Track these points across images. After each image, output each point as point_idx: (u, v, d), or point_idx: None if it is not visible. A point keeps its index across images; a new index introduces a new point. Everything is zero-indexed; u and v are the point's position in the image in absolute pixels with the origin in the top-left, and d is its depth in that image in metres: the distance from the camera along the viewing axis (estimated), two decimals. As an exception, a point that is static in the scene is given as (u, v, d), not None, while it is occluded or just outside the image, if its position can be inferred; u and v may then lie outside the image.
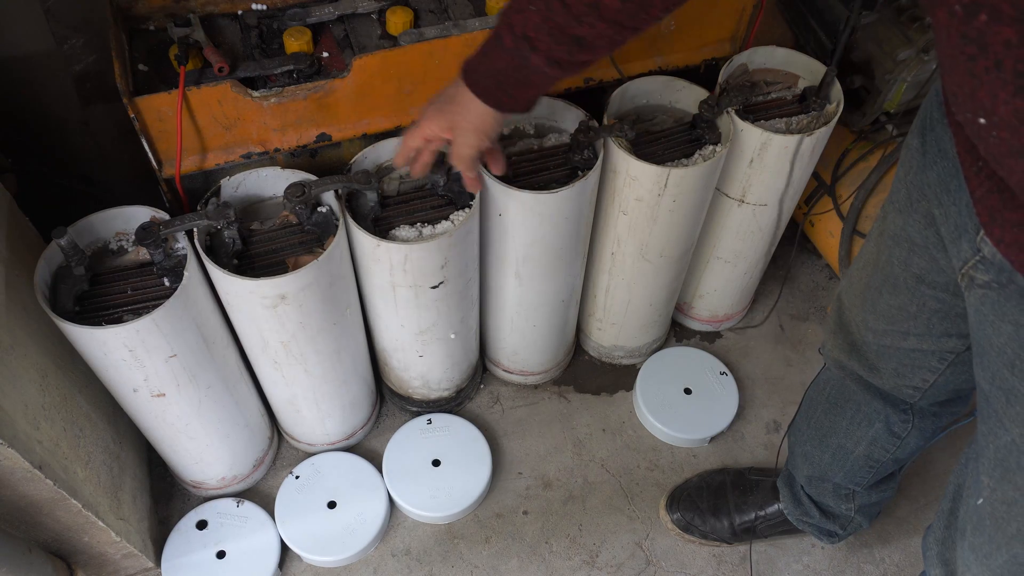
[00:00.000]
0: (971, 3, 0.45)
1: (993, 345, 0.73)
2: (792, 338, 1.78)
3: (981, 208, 0.68)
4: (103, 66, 1.33)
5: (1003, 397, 0.74)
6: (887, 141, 1.57)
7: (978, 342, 0.77)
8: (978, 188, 0.68)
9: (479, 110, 0.97)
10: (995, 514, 0.83)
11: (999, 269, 0.69)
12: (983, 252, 0.71)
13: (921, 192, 0.84)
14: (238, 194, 1.18)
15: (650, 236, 1.36)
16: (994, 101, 0.47)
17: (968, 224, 0.73)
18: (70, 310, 1.07)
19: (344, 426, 1.49)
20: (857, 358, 1.07)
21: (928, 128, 0.81)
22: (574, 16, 0.84)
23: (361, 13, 1.26)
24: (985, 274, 0.71)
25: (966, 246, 0.74)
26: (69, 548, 1.22)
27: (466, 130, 0.99)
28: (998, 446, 0.78)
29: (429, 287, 1.22)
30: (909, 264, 0.91)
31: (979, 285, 0.73)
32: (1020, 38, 0.43)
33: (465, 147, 1.00)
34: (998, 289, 0.70)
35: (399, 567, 1.44)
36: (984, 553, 0.86)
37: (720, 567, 1.47)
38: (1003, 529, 0.82)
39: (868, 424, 1.13)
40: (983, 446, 0.82)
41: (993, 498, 0.82)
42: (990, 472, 0.81)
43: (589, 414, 1.65)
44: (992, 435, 0.79)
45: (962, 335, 0.92)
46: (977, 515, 0.86)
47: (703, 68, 1.45)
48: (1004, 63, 0.45)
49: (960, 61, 0.48)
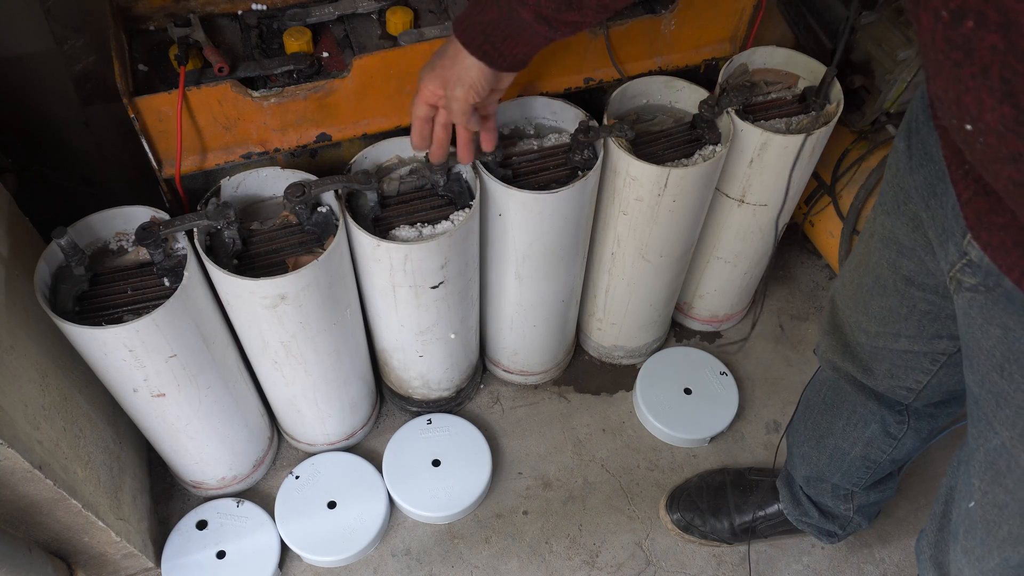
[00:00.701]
0: (958, 8, 0.44)
1: (982, 348, 0.73)
2: (792, 338, 1.78)
3: (968, 211, 0.68)
4: (103, 66, 1.33)
5: (993, 400, 0.74)
6: (887, 141, 1.57)
7: (967, 345, 0.77)
8: (964, 191, 0.68)
9: (468, 63, 0.96)
10: (986, 517, 0.83)
11: (986, 272, 0.69)
12: (970, 255, 0.70)
13: (907, 195, 0.83)
14: (238, 194, 1.18)
15: (650, 236, 1.36)
16: (980, 107, 0.46)
17: (955, 227, 0.73)
18: (70, 310, 1.07)
19: (344, 426, 1.49)
20: (851, 359, 1.07)
21: (914, 131, 0.81)
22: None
23: (361, 13, 1.26)
24: (972, 277, 0.71)
25: (953, 249, 0.74)
26: (69, 548, 1.22)
27: (456, 83, 0.98)
28: (988, 449, 0.78)
29: (429, 287, 1.22)
30: (898, 266, 0.90)
31: (967, 288, 0.72)
32: (1007, 44, 0.43)
33: (455, 100, 0.99)
34: (985, 292, 0.70)
35: (399, 567, 1.44)
36: (976, 556, 0.86)
37: (720, 567, 1.47)
38: (994, 532, 0.82)
39: (864, 425, 1.13)
40: (974, 449, 0.82)
41: (984, 501, 0.82)
42: (980, 475, 0.81)
43: (589, 414, 1.65)
44: (982, 438, 0.79)
45: (953, 337, 0.92)
46: (969, 518, 0.86)
47: (703, 68, 1.44)
48: (990, 70, 0.44)
49: (945, 67, 0.47)
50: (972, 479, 0.83)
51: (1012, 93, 0.44)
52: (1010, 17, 0.42)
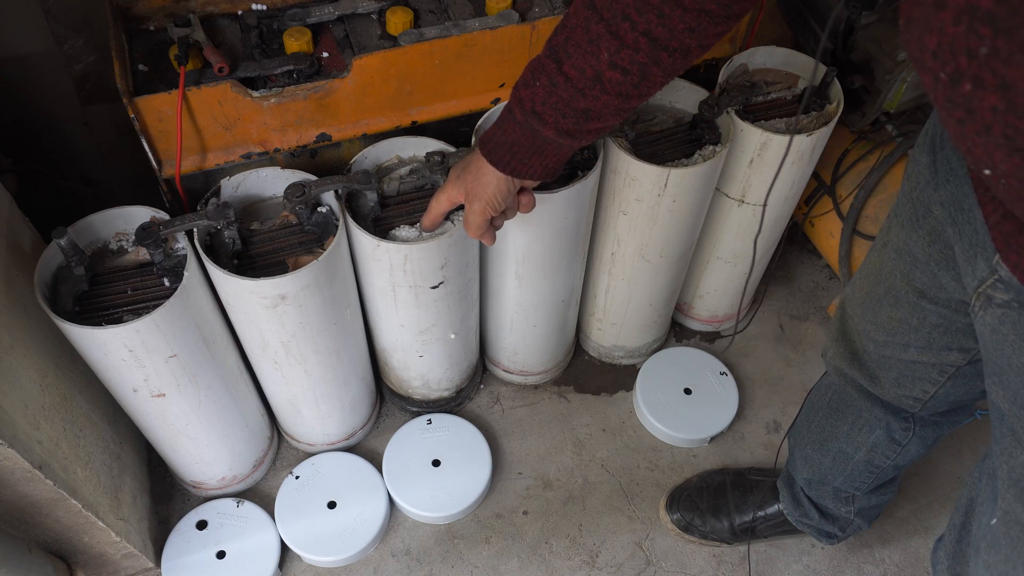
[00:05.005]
0: (954, 72, 0.45)
1: (1013, 365, 0.72)
2: (792, 338, 1.78)
3: (996, 234, 0.67)
4: (103, 66, 1.33)
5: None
6: (887, 141, 1.57)
7: (994, 361, 0.76)
8: (992, 214, 0.67)
9: (491, 179, 0.98)
10: (1010, 535, 0.81)
11: (1018, 290, 0.68)
12: (1000, 273, 0.70)
13: (928, 210, 0.82)
14: (238, 194, 1.18)
15: (650, 236, 1.36)
16: (992, 159, 0.47)
17: (985, 243, 0.72)
18: (70, 310, 1.07)
19: (344, 426, 1.49)
20: (858, 367, 1.07)
21: (939, 147, 0.80)
22: (578, 90, 0.84)
23: (361, 13, 1.26)
24: (1005, 294, 0.70)
25: (983, 265, 0.72)
26: (69, 548, 1.22)
27: (475, 198, 1.00)
28: (1013, 466, 0.77)
29: (429, 287, 1.22)
30: (911, 278, 0.90)
31: (998, 304, 0.71)
32: (1006, 104, 0.43)
33: (473, 214, 1.02)
34: (1019, 309, 0.69)
35: (399, 567, 1.44)
36: (999, 572, 0.85)
37: (720, 567, 1.47)
38: (1019, 549, 0.80)
39: (869, 430, 1.13)
40: (998, 465, 0.81)
41: (1008, 519, 0.81)
42: (1004, 492, 0.80)
43: (589, 414, 1.65)
44: (1007, 455, 0.78)
45: (963, 349, 0.91)
46: (992, 534, 0.85)
47: (703, 68, 1.45)
48: (993, 128, 0.45)
49: (951, 123, 0.48)
50: (996, 495, 0.82)
51: (1019, 148, 0.44)
52: (1006, 80, 0.42)
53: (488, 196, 0.99)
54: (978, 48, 0.42)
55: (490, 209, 1.01)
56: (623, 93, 0.84)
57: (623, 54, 0.80)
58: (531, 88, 0.88)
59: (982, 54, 0.42)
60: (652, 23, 0.78)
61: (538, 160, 0.95)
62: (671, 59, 0.81)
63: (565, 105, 0.86)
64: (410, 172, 1.23)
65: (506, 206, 1.02)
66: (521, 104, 0.89)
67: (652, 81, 0.84)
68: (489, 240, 1.07)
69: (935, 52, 0.45)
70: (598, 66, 0.82)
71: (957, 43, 0.43)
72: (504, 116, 0.93)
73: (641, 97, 0.86)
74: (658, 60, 0.81)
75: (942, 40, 0.44)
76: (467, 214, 1.03)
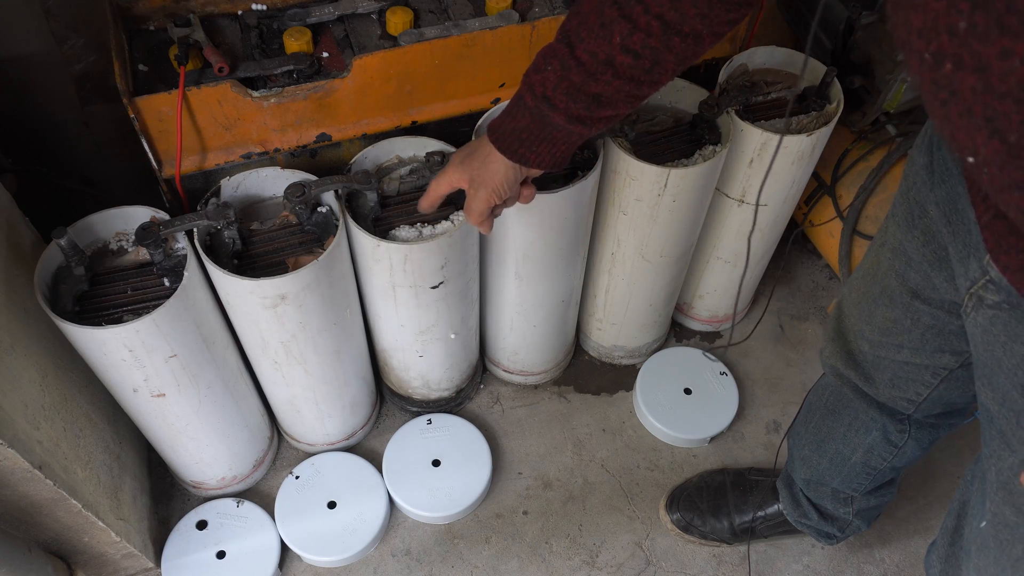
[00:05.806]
0: (937, 52, 0.45)
1: (1003, 366, 0.72)
2: (792, 338, 1.78)
3: (988, 234, 0.68)
4: (103, 66, 1.33)
5: (1013, 418, 0.73)
6: (887, 141, 1.57)
7: (985, 363, 0.76)
8: (984, 214, 0.68)
9: (497, 166, 0.98)
10: (999, 537, 0.81)
11: (1009, 291, 0.68)
12: (990, 274, 0.70)
13: (924, 210, 0.83)
14: (238, 194, 1.18)
15: (650, 236, 1.36)
16: (974, 143, 0.47)
17: (978, 244, 0.72)
18: (70, 310, 1.07)
19: (344, 426, 1.49)
20: (853, 367, 1.07)
21: (936, 147, 0.80)
22: (590, 74, 0.84)
23: (361, 13, 1.26)
24: (996, 295, 0.70)
25: (975, 266, 0.73)
26: (69, 548, 1.22)
27: (480, 184, 1.00)
28: (1001, 468, 0.77)
29: (429, 287, 1.22)
30: (905, 278, 0.90)
31: (989, 305, 0.71)
32: (984, 85, 0.44)
33: (476, 201, 1.01)
34: (1009, 310, 0.69)
35: (399, 567, 1.44)
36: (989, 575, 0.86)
37: (720, 567, 1.47)
38: (1008, 552, 0.81)
39: (865, 432, 1.13)
40: (987, 468, 0.81)
41: (996, 521, 0.81)
42: (993, 495, 0.80)
43: (589, 414, 1.65)
44: (996, 457, 0.78)
45: (955, 352, 0.91)
46: (981, 537, 0.85)
47: (703, 68, 1.45)
48: (974, 109, 0.45)
49: (935, 106, 0.48)
50: (984, 498, 0.82)
51: (998, 130, 0.45)
52: (982, 60, 0.42)
53: (495, 184, 0.99)
54: (958, 23, 0.43)
55: (495, 197, 1.00)
56: (635, 78, 0.84)
57: (635, 37, 0.80)
58: (542, 73, 0.87)
59: (961, 30, 0.43)
60: (664, 6, 0.78)
61: (546, 148, 0.95)
62: (683, 44, 0.81)
63: (576, 90, 0.86)
64: (410, 172, 1.23)
65: (510, 195, 1.02)
66: (532, 89, 0.89)
67: (664, 67, 0.84)
68: (487, 228, 1.06)
69: (920, 30, 0.46)
70: (610, 50, 0.82)
71: (940, 20, 0.44)
72: (514, 102, 0.93)
73: (652, 84, 0.86)
74: (670, 45, 0.81)
75: (926, 17, 0.45)
76: (470, 201, 1.02)
